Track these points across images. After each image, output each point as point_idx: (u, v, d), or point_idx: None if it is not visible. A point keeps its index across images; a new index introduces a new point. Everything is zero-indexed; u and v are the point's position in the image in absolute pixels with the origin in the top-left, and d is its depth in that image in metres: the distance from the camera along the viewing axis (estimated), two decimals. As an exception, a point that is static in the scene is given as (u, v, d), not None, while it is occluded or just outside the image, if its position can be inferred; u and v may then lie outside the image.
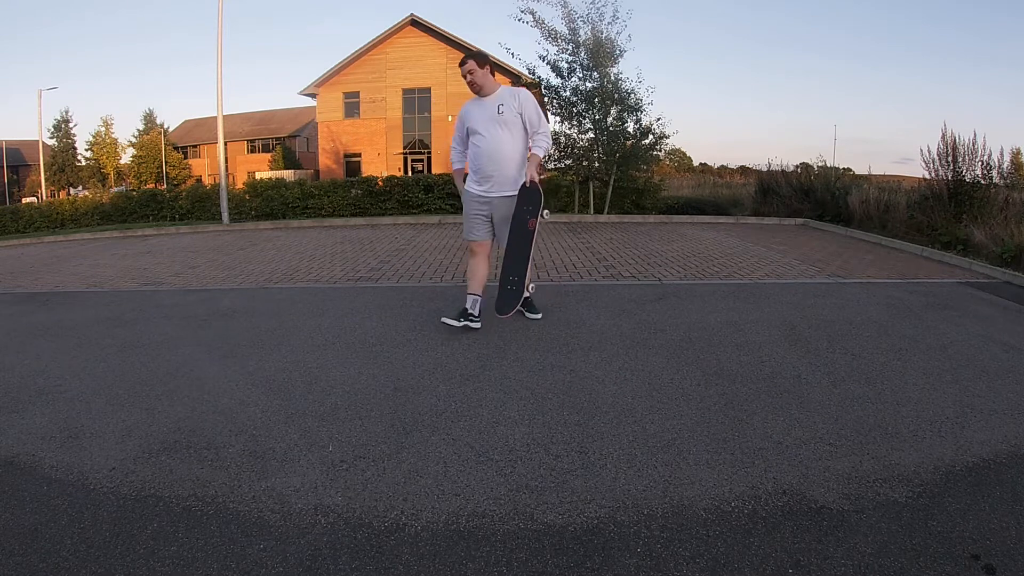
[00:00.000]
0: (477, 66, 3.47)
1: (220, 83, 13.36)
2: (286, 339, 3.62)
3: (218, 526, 1.76)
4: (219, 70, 13.35)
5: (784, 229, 10.16)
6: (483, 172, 3.56)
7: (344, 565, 1.58)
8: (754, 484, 1.95)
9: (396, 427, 2.39)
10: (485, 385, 2.83)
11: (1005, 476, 2.00)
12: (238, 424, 2.44)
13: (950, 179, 8.18)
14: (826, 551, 1.61)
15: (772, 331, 3.69)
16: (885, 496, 1.88)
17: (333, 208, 13.38)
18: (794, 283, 5.28)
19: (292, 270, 6.27)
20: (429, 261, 6.61)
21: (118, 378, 3.01)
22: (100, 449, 2.24)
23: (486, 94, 3.53)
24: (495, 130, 3.48)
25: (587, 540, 1.68)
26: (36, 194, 34.92)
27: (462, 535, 1.71)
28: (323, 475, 2.03)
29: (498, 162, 3.50)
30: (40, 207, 17.97)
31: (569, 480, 1.99)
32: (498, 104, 3.47)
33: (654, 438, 2.28)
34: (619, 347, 3.38)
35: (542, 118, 3.53)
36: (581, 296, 4.71)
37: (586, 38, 11.77)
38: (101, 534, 1.72)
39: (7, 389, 2.88)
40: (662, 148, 12.81)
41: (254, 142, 41.59)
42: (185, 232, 11.53)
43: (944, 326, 3.86)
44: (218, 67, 13.34)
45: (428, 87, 25.76)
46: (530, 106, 3.48)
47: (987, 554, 1.60)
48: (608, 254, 6.99)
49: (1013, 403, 2.62)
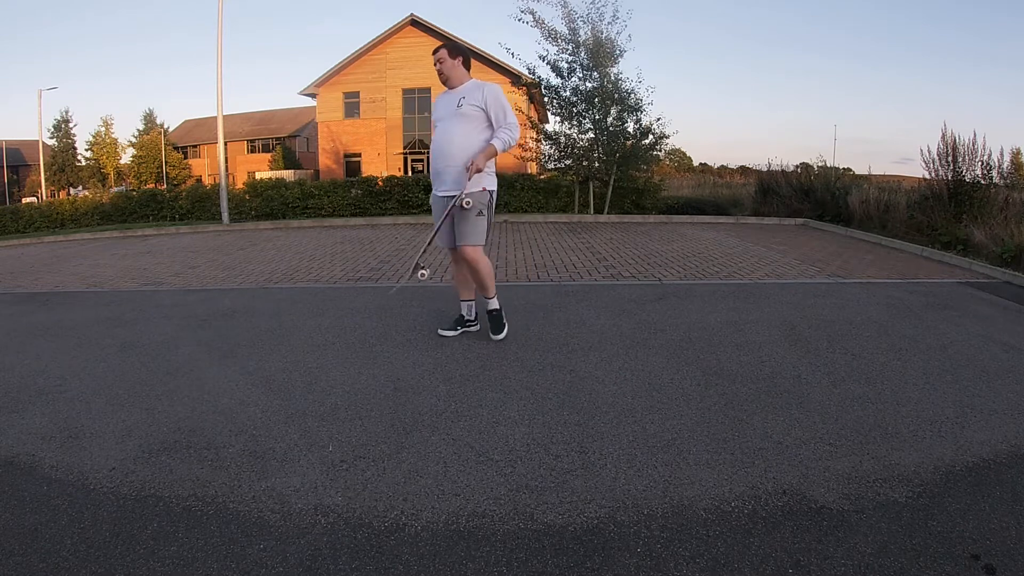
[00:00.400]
0: (448, 55, 3.31)
1: (220, 83, 13.36)
2: (286, 339, 3.62)
3: (218, 526, 1.76)
4: (219, 70, 13.36)
5: (784, 229, 10.16)
6: (434, 169, 3.35)
7: (344, 565, 1.58)
8: (754, 484, 1.95)
9: (396, 427, 2.39)
10: (485, 385, 2.83)
11: (1005, 476, 2.00)
12: (238, 424, 2.44)
13: (950, 179, 8.19)
14: (826, 551, 1.61)
15: (772, 331, 3.69)
16: (885, 496, 1.88)
17: (333, 208, 13.38)
18: (794, 283, 5.28)
19: (292, 270, 6.27)
20: (429, 261, 6.61)
21: (118, 378, 3.01)
22: (100, 449, 2.24)
23: (453, 86, 3.33)
24: (449, 123, 3.26)
25: (587, 540, 1.68)
26: (36, 194, 34.91)
27: (462, 535, 1.71)
28: (323, 475, 2.03)
29: (446, 157, 3.25)
30: (40, 207, 17.96)
31: (569, 480, 1.99)
32: (460, 97, 3.24)
33: (654, 438, 2.28)
34: (619, 347, 3.38)
35: (509, 113, 3.26)
36: (581, 296, 4.71)
37: (586, 38, 11.78)
38: (101, 534, 1.72)
39: (7, 389, 2.88)
40: (662, 148, 12.83)
41: (254, 142, 41.59)
42: (185, 232, 11.53)
43: (944, 326, 3.86)
44: (218, 67, 13.35)
45: (428, 87, 25.73)
46: (494, 100, 3.22)
47: (987, 554, 1.60)
48: (608, 254, 6.99)
49: (1013, 403, 2.61)
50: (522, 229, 9.92)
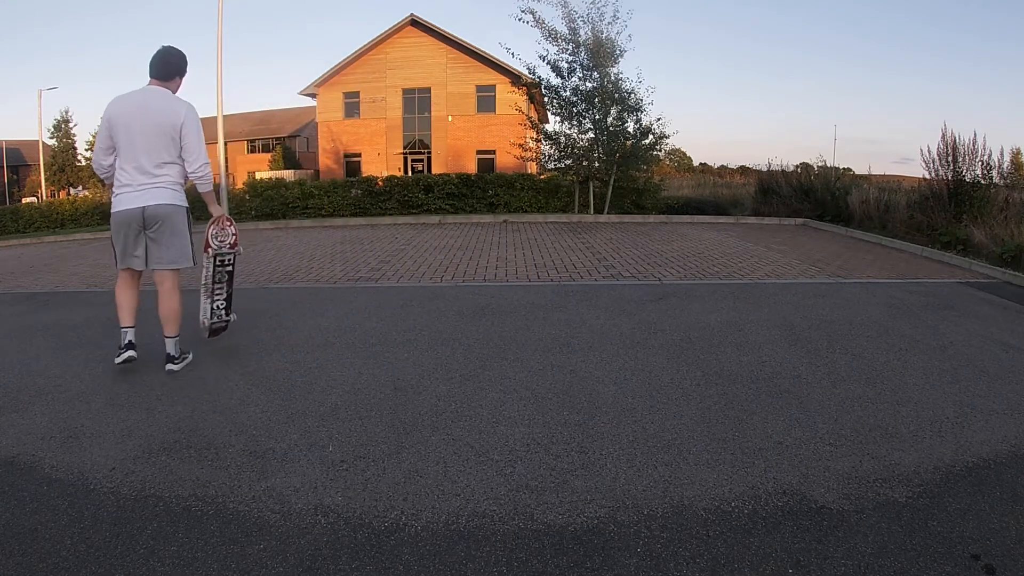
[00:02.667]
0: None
1: (220, 83, 13.37)
2: (286, 339, 3.62)
3: (218, 526, 1.76)
4: (219, 70, 13.36)
5: (784, 229, 10.16)
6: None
7: (344, 565, 1.58)
8: (754, 484, 1.95)
9: (396, 427, 2.39)
10: (485, 385, 2.83)
11: (1005, 476, 2.00)
12: (238, 424, 2.44)
13: (950, 179, 8.19)
14: (826, 551, 1.61)
15: (772, 331, 3.69)
16: (885, 496, 1.88)
17: (333, 208, 13.38)
18: (794, 283, 5.28)
19: (292, 270, 6.27)
20: (429, 261, 6.61)
21: (118, 378, 3.00)
22: (100, 449, 2.24)
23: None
24: None
25: (587, 540, 1.68)
26: (36, 194, 34.88)
27: (462, 535, 1.70)
28: (323, 475, 2.03)
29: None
30: (40, 207, 17.96)
31: (569, 480, 1.99)
32: None
33: (654, 438, 2.28)
34: (619, 347, 3.38)
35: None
36: (581, 296, 4.71)
37: (586, 38, 11.79)
38: (101, 534, 1.72)
39: (7, 389, 2.87)
40: (662, 148, 12.84)
41: (254, 142, 41.54)
42: (185, 232, 11.52)
43: (944, 326, 3.86)
44: (218, 67, 13.35)
45: (428, 87, 25.74)
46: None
47: (987, 554, 1.60)
48: (608, 254, 6.99)
49: (1013, 403, 2.61)
50: (522, 229, 9.92)
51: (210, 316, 3.37)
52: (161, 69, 3.05)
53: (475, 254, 7.11)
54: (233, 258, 3.44)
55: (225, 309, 3.46)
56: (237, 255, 3.47)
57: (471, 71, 24.99)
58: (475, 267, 6.21)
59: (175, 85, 3.10)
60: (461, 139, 25.55)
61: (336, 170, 26.04)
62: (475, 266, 6.27)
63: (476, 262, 6.52)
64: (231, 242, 3.40)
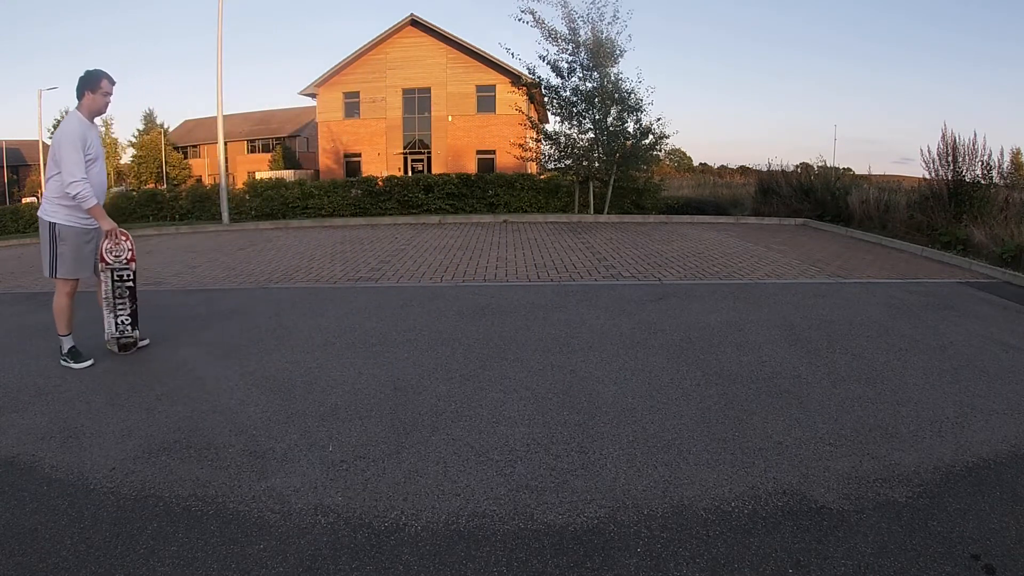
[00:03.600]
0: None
1: (220, 83, 13.35)
2: (286, 339, 3.62)
3: (218, 526, 1.76)
4: (219, 70, 13.35)
5: (784, 229, 10.16)
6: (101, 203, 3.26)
7: (344, 565, 1.58)
8: (754, 484, 1.95)
9: (396, 427, 2.39)
10: (485, 385, 2.83)
11: (1005, 476, 2.00)
12: (238, 424, 2.44)
13: (950, 179, 8.19)
14: (826, 551, 1.61)
15: (772, 331, 3.69)
16: (885, 496, 1.88)
17: (333, 208, 13.38)
18: (794, 283, 5.28)
19: (292, 270, 6.27)
20: (429, 261, 6.61)
21: (118, 378, 3.01)
22: (100, 449, 2.24)
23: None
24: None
25: (587, 540, 1.68)
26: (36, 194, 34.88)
27: (462, 535, 1.70)
28: (323, 475, 2.03)
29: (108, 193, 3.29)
30: (40, 207, 17.94)
31: (569, 480, 1.99)
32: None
33: (654, 438, 2.28)
34: (619, 347, 3.38)
35: None
36: (581, 296, 4.71)
37: (586, 38, 11.78)
38: (101, 534, 1.72)
39: (7, 389, 2.88)
40: (662, 148, 12.82)
41: (254, 142, 41.55)
42: (185, 232, 11.53)
43: (944, 326, 3.86)
44: (218, 67, 13.34)
45: (428, 87, 25.74)
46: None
47: (987, 554, 1.60)
48: (608, 254, 6.99)
49: (1013, 403, 2.61)
50: (522, 229, 9.92)
51: (115, 330, 3.40)
52: (76, 92, 3.26)
53: (475, 254, 7.11)
54: (133, 274, 3.46)
55: (131, 324, 3.43)
56: (134, 271, 3.48)
57: (471, 71, 24.99)
58: (475, 267, 6.21)
59: (84, 102, 3.22)
60: (461, 139, 25.55)
61: (336, 170, 26.04)
62: (475, 266, 6.27)
63: (476, 262, 6.52)
64: (127, 256, 3.42)
